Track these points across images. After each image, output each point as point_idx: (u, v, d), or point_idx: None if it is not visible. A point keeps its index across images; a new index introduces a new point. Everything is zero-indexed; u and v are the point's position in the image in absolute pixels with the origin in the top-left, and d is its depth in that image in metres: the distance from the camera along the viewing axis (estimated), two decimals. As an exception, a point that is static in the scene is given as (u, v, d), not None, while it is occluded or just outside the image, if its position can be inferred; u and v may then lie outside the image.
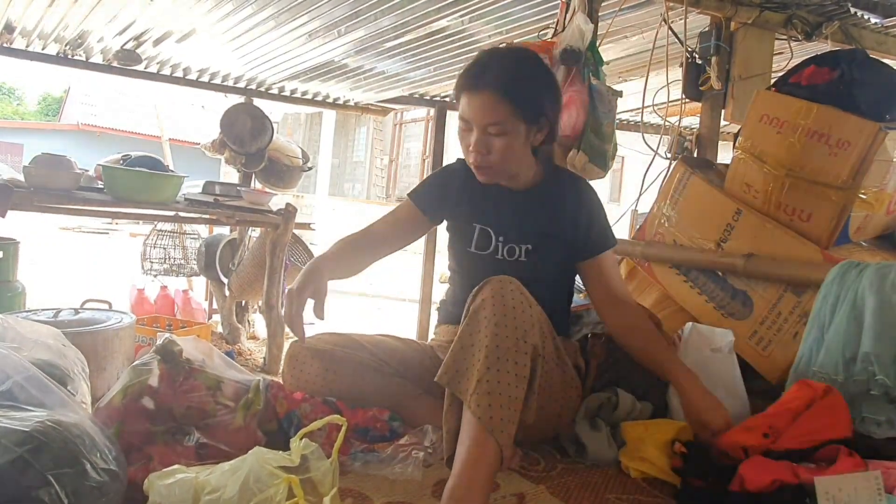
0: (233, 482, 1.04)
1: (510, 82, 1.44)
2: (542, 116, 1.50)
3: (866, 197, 1.82)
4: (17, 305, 2.96)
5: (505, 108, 1.43)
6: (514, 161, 1.52)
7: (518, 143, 1.48)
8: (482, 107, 1.44)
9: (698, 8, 2.44)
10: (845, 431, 1.38)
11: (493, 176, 1.54)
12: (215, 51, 3.59)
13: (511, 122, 1.45)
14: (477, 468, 1.14)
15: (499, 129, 1.45)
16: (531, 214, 1.58)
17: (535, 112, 1.48)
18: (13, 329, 1.39)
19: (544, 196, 1.60)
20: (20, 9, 3.06)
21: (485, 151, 1.47)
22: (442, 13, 2.78)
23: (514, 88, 1.44)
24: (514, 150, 1.49)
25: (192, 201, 3.39)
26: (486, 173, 1.52)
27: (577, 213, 1.58)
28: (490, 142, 1.46)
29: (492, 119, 1.44)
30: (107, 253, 9.05)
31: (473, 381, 1.19)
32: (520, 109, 1.45)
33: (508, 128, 1.45)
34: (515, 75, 1.46)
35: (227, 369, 1.51)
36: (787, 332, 1.84)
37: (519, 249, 1.57)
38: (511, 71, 1.47)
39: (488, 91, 1.43)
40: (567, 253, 1.60)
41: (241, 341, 4.16)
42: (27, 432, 0.99)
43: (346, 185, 16.36)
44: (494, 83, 1.43)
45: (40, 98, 29.68)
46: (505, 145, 1.46)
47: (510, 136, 1.46)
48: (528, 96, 1.46)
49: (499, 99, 1.43)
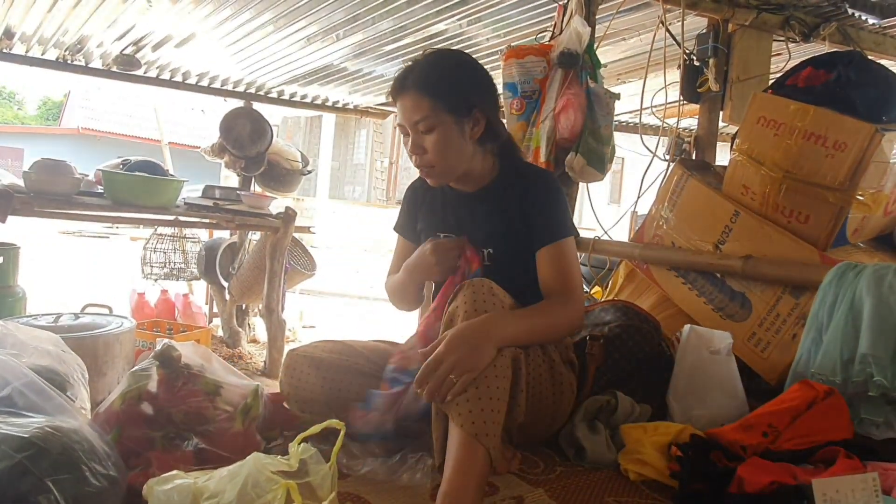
0: (231, 487, 1.04)
1: (429, 78, 1.48)
2: (471, 108, 1.50)
3: (864, 198, 1.82)
4: (18, 310, 2.97)
5: (427, 103, 1.46)
6: (452, 157, 1.51)
7: (451, 137, 1.48)
8: (407, 107, 1.48)
9: (696, 10, 2.44)
10: (845, 434, 1.38)
11: (438, 176, 1.54)
12: (214, 55, 3.60)
13: (436, 116, 1.46)
14: (466, 473, 1.14)
15: (426, 124, 1.47)
16: (487, 216, 1.57)
17: (461, 104, 1.49)
18: (13, 335, 1.39)
19: (498, 195, 1.57)
20: (19, 14, 3.07)
21: (420, 151, 1.49)
22: (440, 17, 2.79)
23: (434, 83, 1.48)
24: (449, 144, 1.49)
25: (192, 205, 3.40)
26: (430, 174, 1.53)
27: (525, 207, 1.54)
28: (422, 140, 1.49)
29: (417, 116, 1.47)
30: (107, 257, 9.06)
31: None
32: (442, 102, 1.46)
33: (435, 122, 1.47)
34: (435, 72, 1.50)
35: (226, 374, 1.51)
36: (786, 333, 1.84)
37: (482, 254, 1.55)
38: (430, 68, 1.50)
39: (411, 91, 1.48)
40: (528, 247, 1.55)
41: (241, 345, 4.17)
42: (27, 438, 1.00)
43: (347, 187, 16.37)
44: (415, 83, 1.48)
45: (40, 102, 29.74)
46: (436, 140, 1.47)
47: (439, 131, 1.47)
48: (451, 89, 1.48)
49: (420, 96, 1.46)
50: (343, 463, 1.38)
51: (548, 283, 1.49)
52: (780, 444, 1.36)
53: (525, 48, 2.34)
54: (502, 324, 1.27)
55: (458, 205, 1.62)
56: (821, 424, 1.37)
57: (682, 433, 1.45)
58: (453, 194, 1.63)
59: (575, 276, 1.49)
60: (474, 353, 1.20)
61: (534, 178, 1.57)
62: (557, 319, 1.43)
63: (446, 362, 1.19)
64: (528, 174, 1.59)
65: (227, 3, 2.80)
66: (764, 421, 1.40)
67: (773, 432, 1.37)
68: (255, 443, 1.42)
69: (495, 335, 1.24)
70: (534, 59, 2.31)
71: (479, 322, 1.25)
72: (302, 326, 5.08)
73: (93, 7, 2.92)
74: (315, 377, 1.52)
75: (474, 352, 1.20)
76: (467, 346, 1.20)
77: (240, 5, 2.82)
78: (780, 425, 1.38)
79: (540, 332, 1.40)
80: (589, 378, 1.65)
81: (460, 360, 1.19)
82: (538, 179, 1.57)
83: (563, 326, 1.47)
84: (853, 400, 1.46)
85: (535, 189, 1.54)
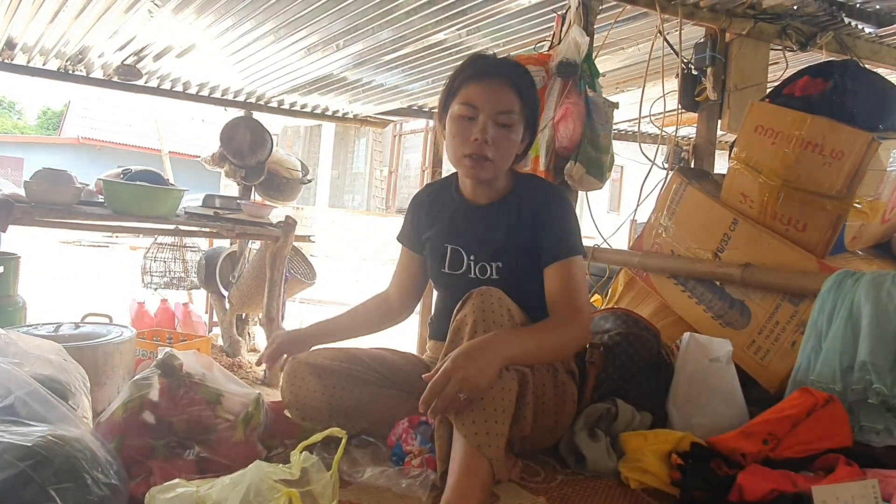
0: (233, 496, 1.04)
1: (523, 80, 1.48)
2: (534, 125, 1.53)
3: (861, 206, 1.83)
4: (18, 320, 2.97)
5: (518, 102, 1.46)
6: (507, 159, 1.51)
7: (515, 142, 1.49)
8: (497, 92, 1.44)
9: (693, 19, 2.46)
10: (845, 441, 1.38)
11: (488, 171, 1.50)
12: (215, 65, 3.62)
13: (518, 116, 1.47)
14: (469, 483, 1.15)
15: (508, 119, 1.45)
16: (497, 230, 1.56)
17: (532, 118, 1.51)
18: (15, 344, 1.39)
19: (509, 209, 1.56)
20: (21, 25, 3.09)
21: (486, 139, 1.45)
22: (439, 27, 2.81)
23: (527, 88, 1.48)
24: (511, 148, 1.49)
25: (192, 214, 3.41)
26: (482, 166, 1.48)
27: (537, 222, 1.53)
28: (494, 131, 1.45)
29: (505, 106, 1.45)
30: (107, 266, 9.06)
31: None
32: (526, 108, 1.48)
33: (515, 121, 1.46)
34: (528, 78, 1.51)
35: (228, 383, 1.51)
36: (785, 341, 1.85)
37: (490, 268, 1.54)
38: (524, 73, 1.51)
39: (507, 82, 1.46)
40: (537, 263, 1.54)
41: (241, 354, 4.16)
42: (29, 447, 1.00)
43: (346, 196, 16.39)
44: (511, 77, 1.47)
45: (40, 112, 29.79)
46: (505, 137, 1.46)
47: (513, 131, 1.47)
48: (532, 100, 1.50)
49: (514, 92, 1.46)
50: (344, 470, 1.38)
51: (555, 300, 1.46)
52: (780, 452, 1.36)
53: (524, 58, 2.36)
54: (509, 342, 1.26)
55: (468, 216, 1.60)
56: (821, 432, 1.38)
57: (682, 441, 1.45)
58: (464, 205, 1.61)
59: (582, 295, 1.47)
60: (481, 373, 1.18)
61: (546, 193, 1.56)
62: (564, 339, 1.40)
63: (453, 380, 1.17)
64: (541, 189, 1.58)
65: (228, 13, 2.82)
66: (764, 428, 1.40)
67: (774, 440, 1.37)
68: (256, 451, 1.42)
69: (502, 354, 1.23)
70: (533, 69, 2.32)
71: (486, 340, 1.24)
72: (302, 335, 5.07)
73: (94, 18, 2.94)
74: (316, 384, 1.52)
75: (481, 372, 1.18)
76: (474, 365, 1.19)
77: (241, 16, 2.84)
78: (781, 433, 1.39)
79: (546, 352, 1.38)
80: (589, 386, 1.65)
81: (466, 378, 1.17)
82: (551, 195, 1.55)
83: (570, 346, 1.45)
84: (853, 407, 1.47)
85: (548, 205, 1.53)
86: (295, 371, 1.55)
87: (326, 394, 1.52)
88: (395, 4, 2.59)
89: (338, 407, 1.51)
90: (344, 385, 1.53)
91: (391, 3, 2.58)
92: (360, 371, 1.56)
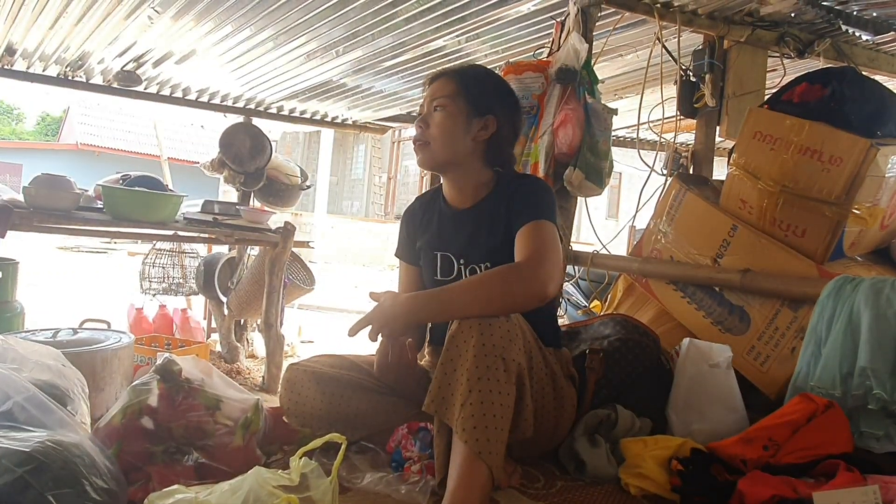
0: (233, 502, 1.04)
1: (464, 71, 1.61)
2: (488, 112, 1.55)
3: (860, 212, 1.83)
4: (16, 325, 2.96)
5: (452, 87, 1.55)
6: (448, 141, 1.54)
7: (456, 123, 1.54)
8: (434, 87, 1.58)
9: (692, 27, 2.47)
10: (846, 447, 1.38)
11: (429, 156, 1.57)
12: (215, 71, 3.63)
13: (454, 101, 1.54)
14: (468, 490, 1.15)
15: (441, 103, 1.55)
16: (482, 231, 1.57)
17: (480, 101, 1.55)
18: (13, 349, 1.39)
19: (492, 207, 1.57)
20: (21, 32, 3.10)
21: (424, 126, 1.56)
22: (438, 33, 2.81)
23: (466, 75, 1.58)
24: (451, 129, 1.54)
25: (191, 220, 3.40)
26: (423, 150, 1.57)
27: (511, 208, 1.52)
28: (431, 117, 1.56)
29: (438, 94, 1.56)
30: (105, 272, 9.04)
31: (458, 406, 1.20)
32: (465, 91, 1.54)
33: (450, 104, 1.54)
34: (472, 69, 1.64)
35: (227, 389, 1.51)
36: (785, 347, 1.85)
37: (480, 269, 1.55)
38: (469, 67, 1.66)
39: (444, 76, 1.59)
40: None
41: (239, 360, 4.15)
42: (28, 452, 1.00)
43: (345, 202, 16.41)
44: (450, 71, 1.60)
45: (39, 118, 29.82)
46: (442, 119, 1.54)
47: (449, 113, 1.54)
48: (477, 87, 1.57)
49: (450, 80, 1.57)
50: (344, 476, 1.38)
51: (519, 255, 1.43)
52: (780, 458, 1.36)
53: (523, 64, 2.36)
54: (418, 298, 1.39)
55: (453, 222, 1.62)
56: (821, 438, 1.38)
57: (682, 447, 1.45)
58: (449, 212, 1.64)
59: (548, 249, 1.40)
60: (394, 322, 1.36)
61: (524, 182, 1.59)
62: (504, 287, 1.33)
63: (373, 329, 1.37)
64: (521, 181, 1.61)
65: (227, 20, 2.83)
66: (764, 434, 1.40)
67: (774, 446, 1.37)
68: (255, 457, 1.41)
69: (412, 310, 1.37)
70: (532, 76, 2.33)
71: (400, 304, 1.38)
72: (301, 341, 5.07)
73: (94, 24, 2.94)
74: (315, 391, 1.52)
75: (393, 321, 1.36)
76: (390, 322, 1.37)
77: (240, 22, 2.85)
78: (781, 439, 1.38)
79: (478, 300, 1.31)
80: (589, 392, 1.65)
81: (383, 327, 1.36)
82: (523, 183, 1.58)
83: (515, 293, 1.34)
84: (853, 413, 1.47)
85: (523, 188, 1.56)
86: (294, 378, 1.55)
87: (325, 401, 1.52)
88: (394, 11, 2.60)
89: (337, 414, 1.51)
90: (343, 392, 1.53)
91: (391, 9, 2.58)
92: (359, 378, 1.56)
